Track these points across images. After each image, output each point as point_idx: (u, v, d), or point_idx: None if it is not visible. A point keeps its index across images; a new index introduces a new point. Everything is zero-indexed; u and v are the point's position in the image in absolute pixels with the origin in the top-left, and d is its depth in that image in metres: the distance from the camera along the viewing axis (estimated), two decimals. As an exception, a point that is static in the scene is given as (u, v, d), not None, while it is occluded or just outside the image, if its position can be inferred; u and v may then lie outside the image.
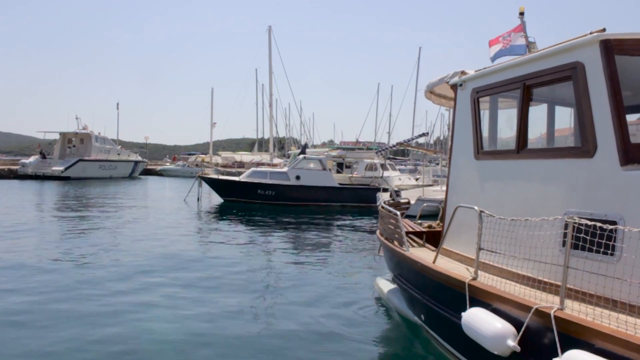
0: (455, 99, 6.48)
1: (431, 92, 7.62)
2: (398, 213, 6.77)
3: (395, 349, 6.67)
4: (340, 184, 27.49)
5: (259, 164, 39.25)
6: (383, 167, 27.29)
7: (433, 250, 6.50)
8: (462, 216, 5.56)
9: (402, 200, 10.22)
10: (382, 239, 7.61)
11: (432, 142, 67.86)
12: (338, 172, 31.39)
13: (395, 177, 29.33)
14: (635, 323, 3.33)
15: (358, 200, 25.77)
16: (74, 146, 49.13)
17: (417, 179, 30.20)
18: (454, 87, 6.44)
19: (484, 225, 4.72)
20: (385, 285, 8.35)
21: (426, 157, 44.06)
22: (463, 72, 6.22)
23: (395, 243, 6.88)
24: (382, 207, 7.89)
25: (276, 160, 40.44)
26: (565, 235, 3.83)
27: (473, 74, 6.01)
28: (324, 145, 62.86)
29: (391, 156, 41.28)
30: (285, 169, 27.30)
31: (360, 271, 10.69)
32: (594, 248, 3.69)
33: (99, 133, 51.41)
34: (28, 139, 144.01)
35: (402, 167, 43.11)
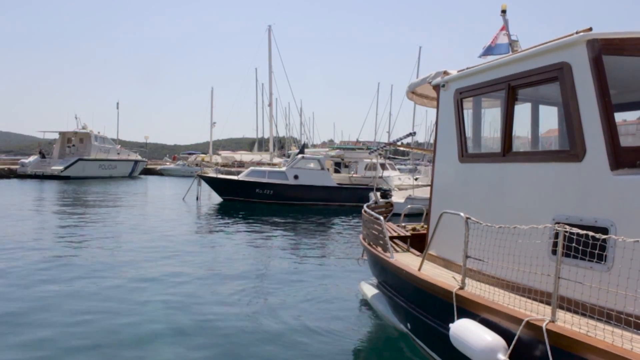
0: (437, 100, 6.28)
1: (413, 93, 7.41)
2: (381, 217, 6.54)
3: (380, 356, 6.48)
4: (339, 183, 27.41)
5: (257, 164, 39.15)
6: (383, 167, 27.16)
7: (418, 256, 6.32)
8: (448, 221, 5.39)
9: (384, 202, 9.96)
10: (365, 244, 7.39)
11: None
12: (336, 171, 31.29)
13: (395, 177, 29.21)
14: (631, 337, 3.20)
15: (356, 200, 25.63)
16: (74, 145, 49.00)
17: (416, 179, 30.08)
18: (437, 87, 6.24)
19: (471, 232, 4.55)
20: (370, 290, 8.15)
21: (425, 157, 43.86)
22: (446, 72, 6.02)
23: (379, 249, 6.66)
24: (365, 212, 7.67)
25: (276, 160, 40.34)
26: (555, 244, 3.67)
27: (456, 74, 5.81)
28: (324, 144, 62.71)
29: (391, 156, 41.16)
30: (283, 169, 27.24)
31: (351, 273, 10.53)
32: (587, 258, 3.54)
33: (99, 132, 51.28)
34: (28, 138, 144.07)
35: (402, 166, 42.94)
